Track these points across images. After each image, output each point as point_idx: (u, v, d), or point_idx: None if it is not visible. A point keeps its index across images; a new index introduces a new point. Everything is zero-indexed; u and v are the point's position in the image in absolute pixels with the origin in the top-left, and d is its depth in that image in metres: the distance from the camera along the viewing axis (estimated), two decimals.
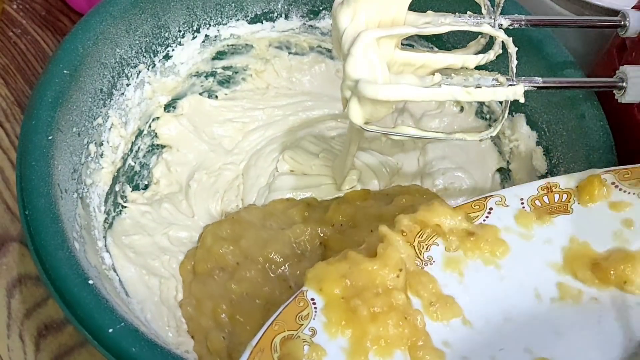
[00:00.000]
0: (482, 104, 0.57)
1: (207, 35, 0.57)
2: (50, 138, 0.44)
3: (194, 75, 0.58)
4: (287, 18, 0.59)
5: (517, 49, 0.44)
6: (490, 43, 0.46)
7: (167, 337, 0.47)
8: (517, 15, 0.45)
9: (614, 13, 0.48)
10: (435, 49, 0.56)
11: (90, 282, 0.39)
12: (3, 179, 0.58)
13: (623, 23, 0.47)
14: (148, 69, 0.54)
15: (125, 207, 0.52)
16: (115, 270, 0.48)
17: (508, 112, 0.45)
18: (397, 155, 0.58)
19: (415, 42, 0.57)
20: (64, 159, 0.45)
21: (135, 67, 0.53)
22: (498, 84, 0.44)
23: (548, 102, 0.52)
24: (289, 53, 0.60)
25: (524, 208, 0.42)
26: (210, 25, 0.57)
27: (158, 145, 0.57)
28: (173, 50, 0.55)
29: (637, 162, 0.43)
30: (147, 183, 0.56)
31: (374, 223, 0.49)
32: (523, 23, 0.45)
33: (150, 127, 0.56)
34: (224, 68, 0.59)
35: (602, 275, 0.40)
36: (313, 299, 0.37)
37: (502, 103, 0.45)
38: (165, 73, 0.56)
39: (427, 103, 0.59)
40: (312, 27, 0.59)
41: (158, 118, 0.56)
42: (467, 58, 0.44)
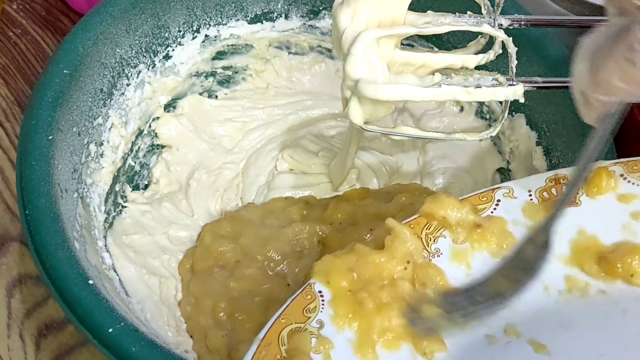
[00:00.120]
0: (482, 104, 0.57)
1: (207, 35, 0.57)
2: (51, 138, 0.44)
3: (194, 75, 0.58)
4: (287, 18, 0.58)
5: (517, 49, 0.44)
6: (490, 43, 0.46)
7: (166, 336, 0.47)
8: (517, 15, 0.45)
9: None
10: (435, 49, 0.56)
11: (91, 281, 0.39)
12: (3, 179, 0.58)
13: None
14: (148, 69, 0.54)
15: (125, 206, 0.52)
16: (115, 270, 0.48)
17: (508, 112, 0.45)
18: (396, 155, 0.58)
19: (415, 42, 0.57)
20: (64, 159, 0.45)
21: (136, 67, 0.53)
22: (498, 84, 0.44)
23: (548, 102, 0.52)
24: (289, 53, 0.60)
25: (532, 200, 0.42)
26: (210, 25, 0.57)
27: (158, 145, 0.57)
28: (173, 50, 0.55)
29: None
30: (147, 183, 0.56)
31: (373, 222, 0.49)
32: (523, 23, 0.45)
33: (151, 127, 0.56)
34: (224, 68, 0.59)
35: (609, 269, 0.40)
36: (320, 292, 0.37)
37: (502, 103, 0.45)
38: (165, 73, 0.56)
39: (427, 103, 0.59)
40: (312, 27, 0.59)
41: (158, 118, 0.56)
42: (467, 58, 0.44)
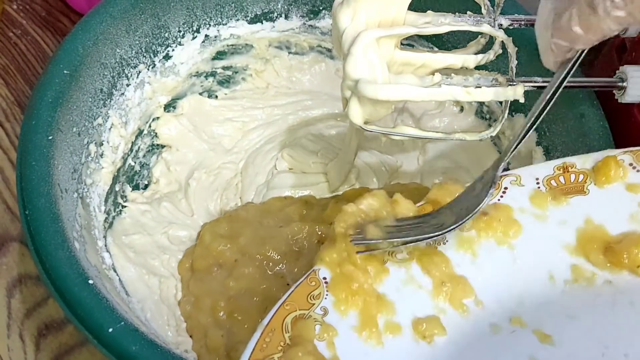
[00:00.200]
0: (482, 104, 0.57)
1: (207, 36, 0.57)
2: (51, 138, 0.44)
3: (194, 75, 0.58)
4: (287, 18, 0.58)
5: (517, 49, 0.44)
6: (490, 43, 0.46)
7: (166, 336, 0.47)
8: (517, 15, 0.45)
9: None
10: (435, 49, 0.56)
11: (90, 281, 0.39)
12: (3, 179, 0.58)
13: None
14: (148, 69, 0.54)
15: (125, 206, 0.52)
16: (115, 270, 0.48)
17: (508, 112, 0.45)
18: (396, 154, 0.58)
19: (415, 42, 0.57)
20: (64, 159, 0.45)
21: (135, 67, 0.53)
22: (498, 84, 0.44)
23: None
24: (289, 53, 0.60)
25: (540, 188, 0.41)
26: (210, 26, 0.57)
27: (158, 145, 0.57)
28: (173, 51, 0.55)
29: None
30: (147, 183, 0.56)
31: None
32: (523, 23, 0.45)
33: (150, 127, 0.56)
34: (224, 68, 0.59)
35: (615, 259, 0.39)
36: (325, 278, 0.37)
37: (502, 103, 0.45)
38: (165, 73, 0.56)
39: (427, 103, 0.59)
40: (312, 26, 0.59)
41: (158, 118, 0.56)
42: (467, 58, 0.44)
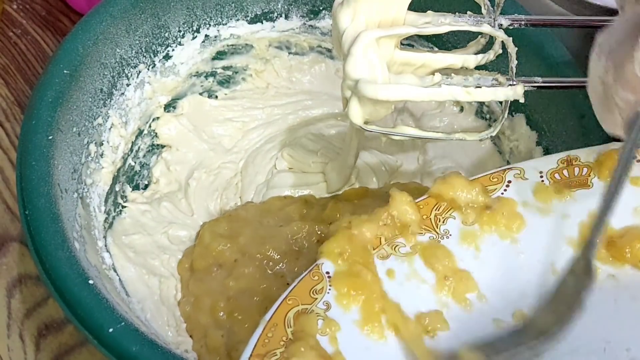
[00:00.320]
0: (482, 104, 0.57)
1: (207, 35, 0.57)
2: (51, 138, 0.44)
3: (194, 75, 0.58)
4: (287, 18, 0.58)
5: (517, 49, 0.44)
6: (490, 43, 0.46)
7: (166, 336, 0.47)
8: (517, 15, 0.45)
9: (614, 13, 0.48)
10: (435, 49, 0.56)
11: (91, 281, 0.39)
12: (3, 179, 0.58)
13: None
14: (148, 69, 0.54)
15: (125, 206, 0.52)
16: (116, 270, 0.48)
17: (508, 112, 0.45)
18: (396, 154, 0.58)
19: (415, 42, 0.57)
20: (64, 159, 0.45)
21: (135, 67, 0.53)
22: (498, 84, 0.44)
23: (548, 102, 0.52)
24: (289, 53, 0.60)
25: (543, 181, 0.41)
26: (210, 25, 0.57)
27: (158, 145, 0.57)
28: (173, 50, 0.55)
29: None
30: (147, 183, 0.56)
31: None
32: (523, 23, 0.45)
33: (151, 127, 0.56)
34: (224, 68, 0.59)
35: (617, 254, 0.39)
36: (328, 273, 0.37)
37: (502, 103, 0.45)
38: (165, 73, 0.56)
39: (427, 103, 0.59)
40: (312, 27, 0.59)
41: (158, 118, 0.56)
42: (467, 58, 0.44)
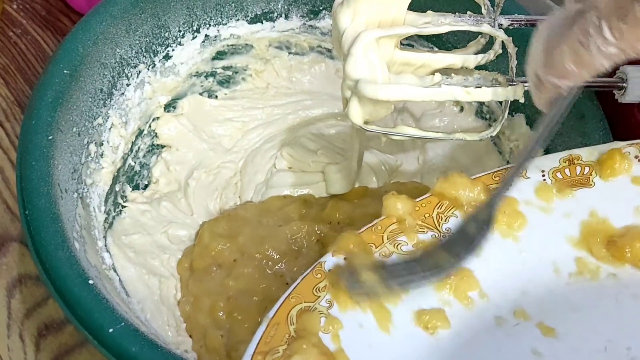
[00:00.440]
0: (482, 104, 0.57)
1: (207, 35, 0.57)
2: (51, 138, 0.44)
3: (194, 75, 0.58)
4: (287, 18, 0.58)
5: (517, 49, 0.44)
6: (490, 43, 0.46)
7: (166, 336, 0.47)
8: (517, 15, 0.45)
9: None
10: (435, 49, 0.56)
11: (90, 282, 0.39)
12: (3, 179, 0.58)
13: None
14: (148, 69, 0.54)
15: (125, 206, 0.52)
16: (115, 270, 0.48)
17: (508, 112, 0.45)
18: (396, 154, 0.58)
19: (415, 42, 0.57)
20: (64, 159, 0.45)
21: (136, 67, 0.53)
22: (498, 84, 0.44)
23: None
24: (289, 53, 0.60)
25: (545, 180, 0.41)
26: (210, 25, 0.57)
27: (158, 145, 0.57)
28: (173, 50, 0.55)
29: None
30: (147, 183, 0.56)
31: (372, 221, 0.49)
32: (523, 23, 0.45)
33: (150, 127, 0.56)
34: (224, 68, 0.59)
35: (617, 253, 0.39)
36: (331, 270, 0.37)
37: (502, 103, 0.45)
38: (165, 73, 0.56)
39: (427, 103, 0.59)
40: (312, 27, 0.59)
41: (158, 118, 0.56)
42: (467, 58, 0.44)
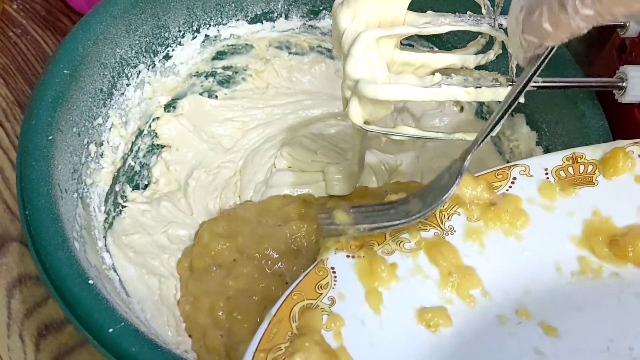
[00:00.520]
0: (482, 104, 0.57)
1: (207, 35, 0.57)
2: (51, 138, 0.44)
3: (194, 75, 0.58)
4: (287, 18, 0.58)
5: None
6: (490, 43, 0.46)
7: (166, 336, 0.47)
8: None
9: None
10: (435, 49, 0.56)
11: (90, 282, 0.39)
12: (3, 179, 0.58)
13: (623, 22, 0.47)
14: (148, 69, 0.54)
15: (125, 206, 0.52)
16: (116, 270, 0.48)
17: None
18: (396, 154, 0.58)
19: (415, 42, 0.57)
20: (64, 159, 0.45)
21: (135, 67, 0.53)
22: (498, 84, 0.44)
23: (548, 102, 0.52)
24: (289, 53, 0.60)
25: (548, 179, 0.41)
26: (210, 25, 0.57)
27: (158, 145, 0.57)
28: (173, 50, 0.55)
29: None
30: (147, 183, 0.56)
31: None
32: None
33: (151, 127, 0.56)
34: (224, 68, 0.59)
35: (619, 252, 0.39)
36: (333, 268, 0.37)
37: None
38: (165, 73, 0.56)
39: (427, 103, 0.59)
40: (312, 27, 0.59)
41: (158, 118, 0.56)
42: (467, 58, 0.45)
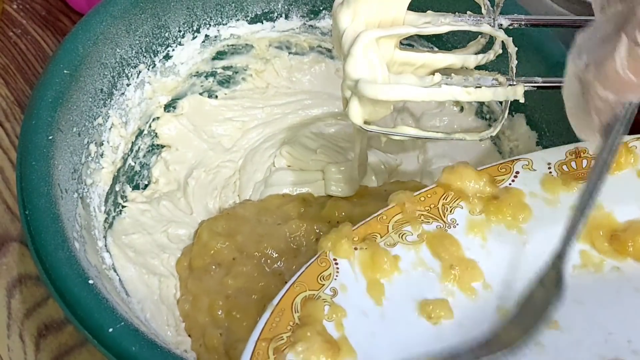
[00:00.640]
0: (482, 104, 0.57)
1: (207, 35, 0.57)
2: (51, 138, 0.44)
3: (194, 75, 0.58)
4: (287, 18, 0.58)
5: (517, 49, 0.44)
6: (490, 43, 0.46)
7: (166, 336, 0.47)
8: (517, 15, 0.45)
9: None
10: (435, 49, 0.56)
11: (90, 281, 0.39)
12: (3, 179, 0.58)
13: None
14: (148, 69, 0.54)
15: (125, 206, 0.52)
16: (116, 270, 0.48)
17: (508, 112, 0.45)
18: (396, 153, 0.58)
19: (415, 42, 0.57)
20: (64, 159, 0.45)
21: (136, 67, 0.53)
22: (498, 84, 0.44)
23: (548, 102, 0.52)
24: (289, 53, 0.60)
25: (551, 173, 0.41)
26: (210, 25, 0.57)
27: (158, 145, 0.57)
28: (173, 50, 0.55)
29: None
30: (147, 182, 0.56)
31: None
32: (523, 23, 0.45)
33: (151, 127, 0.56)
34: (224, 68, 0.59)
35: (620, 247, 0.39)
36: (335, 260, 0.38)
37: (502, 103, 0.45)
38: (166, 73, 0.56)
39: (427, 103, 0.59)
40: (312, 27, 0.59)
41: (158, 118, 0.56)
42: (467, 58, 0.44)
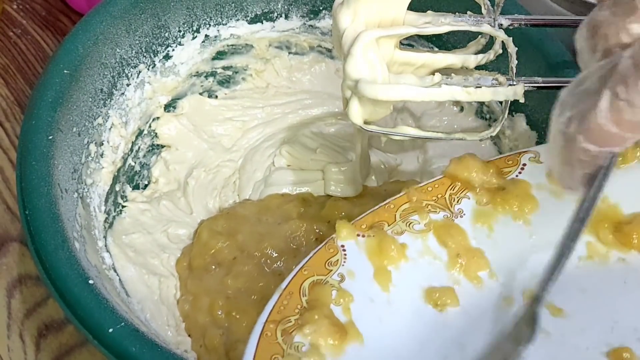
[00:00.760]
0: (482, 104, 0.57)
1: (207, 35, 0.57)
2: (51, 138, 0.44)
3: (194, 75, 0.58)
4: (287, 18, 0.58)
5: (517, 49, 0.44)
6: (490, 43, 0.46)
7: (166, 336, 0.47)
8: (517, 15, 0.45)
9: None
10: (435, 49, 0.56)
11: (91, 281, 0.39)
12: (3, 179, 0.58)
13: None
14: (148, 69, 0.54)
15: (125, 206, 0.52)
16: (116, 270, 0.48)
17: (508, 112, 0.45)
18: (396, 153, 0.58)
19: (415, 42, 0.57)
20: (64, 159, 0.45)
21: (136, 67, 0.53)
22: (498, 84, 0.44)
23: (548, 102, 0.52)
24: (289, 53, 0.60)
25: None
26: (210, 25, 0.57)
27: (158, 145, 0.57)
28: (173, 50, 0.55)
29: None
30: (147, 182, 0.56)
31: None
32: (523, 23, 0.45)
33: (151, 127, 0.56)
34: (224, 68, 0.59)
35: (624, 240, 0.40)
36: (343, 246, 0.38)
37: (502, 103, 0.45)
38: (166, 73, 0.56)
39: (427, 103, 0.59)
40: (312, 27, 0.59)
41: (158, 118, 0.56)
42: (467, 58, 0.44)
